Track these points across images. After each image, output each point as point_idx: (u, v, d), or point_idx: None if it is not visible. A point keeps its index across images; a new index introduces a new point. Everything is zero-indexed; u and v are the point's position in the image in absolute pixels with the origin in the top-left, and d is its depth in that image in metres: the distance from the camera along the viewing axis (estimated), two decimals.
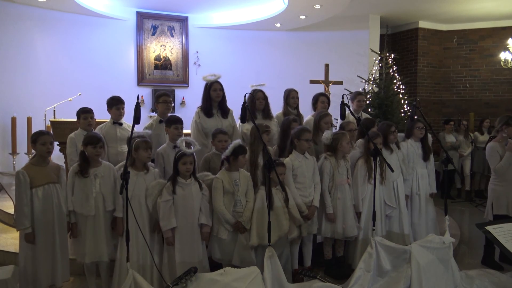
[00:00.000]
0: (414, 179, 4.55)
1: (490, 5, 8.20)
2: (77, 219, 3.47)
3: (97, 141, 3.48)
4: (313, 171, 3.91)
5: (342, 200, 3.96)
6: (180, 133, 4.01)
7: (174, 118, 4.05)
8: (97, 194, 3.45)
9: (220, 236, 3.49)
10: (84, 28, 8.23)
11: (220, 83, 4.39)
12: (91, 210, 3.42)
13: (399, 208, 4.33)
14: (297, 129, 3.92)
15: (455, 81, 9.79)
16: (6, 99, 7.41)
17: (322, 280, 3.38)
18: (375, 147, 3.73)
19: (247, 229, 3.50)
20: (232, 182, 3.52)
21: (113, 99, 4.41)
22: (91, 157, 3.49)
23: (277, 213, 3.53)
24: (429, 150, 4.65)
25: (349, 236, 4.00)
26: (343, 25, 9.08)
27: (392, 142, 4.44)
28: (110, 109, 4.41)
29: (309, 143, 3.90)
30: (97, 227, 3.45)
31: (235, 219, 3.47)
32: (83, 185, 3.45)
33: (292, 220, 3.66)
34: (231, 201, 3.52)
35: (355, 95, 5.15)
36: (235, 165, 3.57)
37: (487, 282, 3.79)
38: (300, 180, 3.84)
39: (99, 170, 3.50)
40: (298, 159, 3.85)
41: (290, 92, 4.82)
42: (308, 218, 3.81)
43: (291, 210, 3.64)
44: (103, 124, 4.49)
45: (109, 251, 3.49)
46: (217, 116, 4.38)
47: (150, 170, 3.54)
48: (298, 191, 3.80)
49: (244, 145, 3.67)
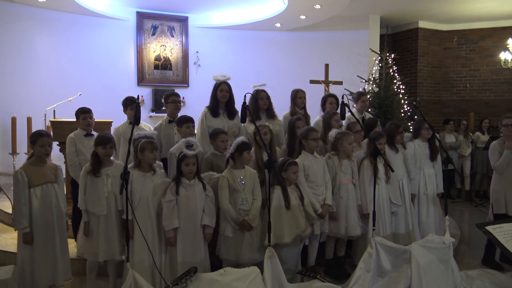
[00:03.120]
0: (422, 178, 4.58)
1: (490, 5, 8.20)
2: (89, 218, 3.47)
3: (107, 141, 3.50)
4: (323, 170, 3.94)
5: (345, 200, 3.97)
6: (192, 132, 4.06)
7: (185, 118, 4.10)
8: (109, 193, 3.46)
9: (226, 234, 3.50)
10: (84, 28, 8.23)
11: (228, 85, 4.42)
12: (103, 210, 3.44)
13: (404, 207, 4.36)
14: (304, 129, 3.95)
15: (455, 81, 9.79)
16: (6, 99, 7.42)
17: (322, 280, 3.38)
18: (375, 147, 3.76)
19: (253, 227, 3.49)
20: (237, 180, 3.53)
21: (128, 99, 4.48)
22: (102, 157, 3.50)
23: (293, 212, 3.57)
24: (436, 150, 4.68)
25: (351, 236, 4.00)
26: (343, 25, 9.08)
27: (398, 142, 4.49)
28: (126, 110, 4.49)
29: (317, 142, 3.93)
30: (110, 226, 3.46)
31: (241, 217, 3.47)
32: (95, 184, 3.46)
33: (307, 218, 3.69)
34: (238, 199, 3.52)
35: (359, 95, 5.15)
36: (241, 162, 3.58)
37: (487, 282, 3.79)
38: (312, 179, 3.86)
39: (110, 170, 3.51)
40: (308, 158, 3.88)
41: (297, 92, 4.84)
42: (322, 216, 3.85)
43: (306, 208, 3.67)
44: (120, 125, 4.58)
45: (121, 250, 3.49)
46: (223, 116, 4.41)
47: (157, 171, 3.54)
48: (311, 190, 3.83)
49: (248, 142, 3.68)
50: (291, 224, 3.48)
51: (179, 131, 4.09)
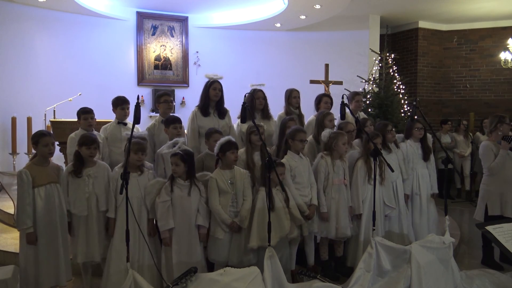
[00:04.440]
0: (415, 179, 4.54)
1: (490, 5, 8.20)
2: (71, 219, 3.48)
3: (92, 142, 3.50)
4: (308, 171, 3.90)
5: (337, 200, 3.93)
6: (180, 133, 4.00)
7: (172, 118, 4.05)
8: (90, 194, 3.46)
9: (217, 236, 3.48)
10: (84, 28, 8.23)
11: (220, 84, 4.39)
12: (83, 210, 3.44)
13: (398, 208, 4.32)
14: (292, 130, 3.90)
15: (455, 81, 9.79)
16: (6, 99, 7.41)
17: (322, 280, 3.38)
18: (375, 147, 3.72)
19: (243, 228, 3.47)
20: (227, 181, 3.50)
21: (118, 99, 4.44)
22: (85, 158, 3.50)
23: (278, 214, 3.51)
24: (428, 150, 4.64)
25: (342, 237, 3.96)
26: (343, 25, 9.08)
27: (390, 141, 4.43)
28: (115, 109, 4.45)
29: (303, 144, 3.88)
30: (90, 227, 3.46)
31: (231, 219, 3.44)
32: (77, 185, 3.47)
33: (293, 220, 3.64)
34: (228, 200, 3.49)
35: (353, 95, 5.09)
36: (226, 162, 3.54)
37: (487, 282, 3.79)
38: (298, 180, 3.82)
39: (92, 170, 3.51)
40: (294, 159, 3.83)
41: (291, 92, 4.81)
42: (309, 218, 3.80)
43: (292, 210, 3.61)
44: (107, 124, 4.52)
45: (102, 252, 3.48)
46: (214, 116, 4.37)
47: (144, 172, 3.53)
48: (297, 191, 3.78)
49: (233, 141, 3.60)
50: (275, 227, 3.36)
51: (166, 132, 4.04)
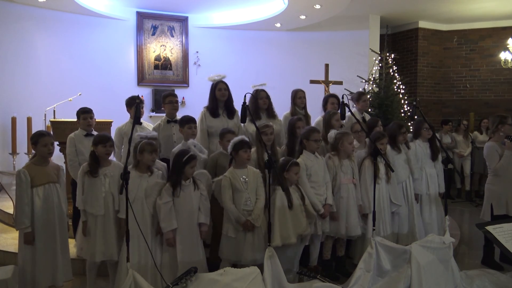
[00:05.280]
0: (424, 178, 4.58)
1: (490, 5, 8.20)
2: (87, 218, 3.47)
3: (107, 139, 3.52)
4: (324, 170, 3.94)
5: (346, 200, 3.97)
6: (194, 132, 4.03)
7: (187, 118, 4.06)
8: (106, 193, 3.46)
9: (229, 234, 3.50)
10: (84, 28, 8.22)
11: (225, 83, 4.42)
12: (100, 210, 3.44)
13: (408, 207, 4.36)
14: (306, 130, 3.96)
15: (455, 81, 9.79)
16: (6, 99, 7.41)
17: (322, 280, 3.38)
18: (375, 147, 3.76)
19: (256, 227, 3.48)
20: (240, 180, 3.52)
21: (133, 98, 4.48)
22: (101, 157, 3.50)
23: (295, 212, 3.57)
24: (437, 150, 4.68)
25: (352, 236, 4.01)
26: (343, 25, 9.07)
27: (401, 142, 4.49)
28: (130, 109, 4.50)
29: (318, 143, 3.93)
30: (107, 227, 3.46)
31: (244, 218, 3.45)
32: (93, 184, 3.46)
33: (308, 217, 3.69)
34: (241, 199, 3.51)
35: (360, 95, 5.12)
36: (239, 161, 3.57)
37: (487, 282, 3.79)
38: (314, 179, 3.87)
39: (108, 170, 3.51)
40: (310, 158, 3.88)
41: (297, 92, 4.84)
42: (323, 216, 3.86)
43: (307, 207, 3.68)
44: (123, 124, 4.59)
45: (118, 250, 3.49)
46: (223, 116, 4.40)
47: (154, 173, 3.53)
48: (313, 190, 3.83)
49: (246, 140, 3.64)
50: (295, 224, 3.50)
51: (181, 132, 4.07)
